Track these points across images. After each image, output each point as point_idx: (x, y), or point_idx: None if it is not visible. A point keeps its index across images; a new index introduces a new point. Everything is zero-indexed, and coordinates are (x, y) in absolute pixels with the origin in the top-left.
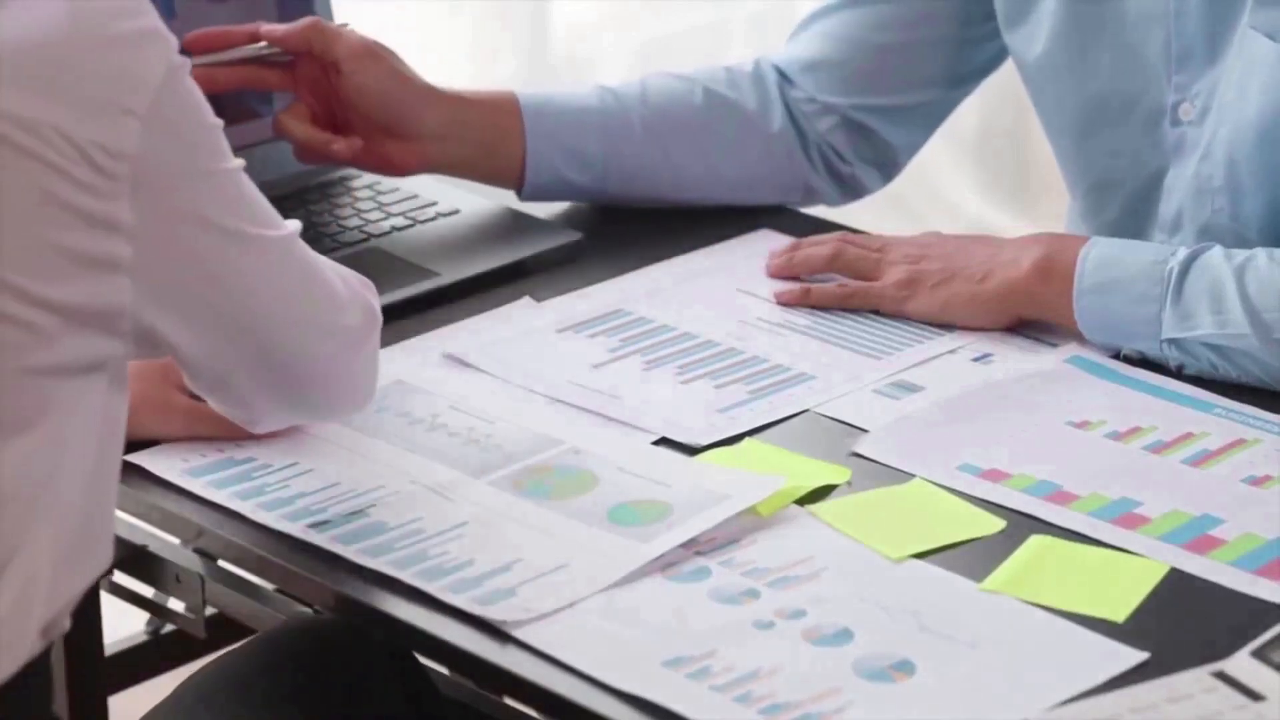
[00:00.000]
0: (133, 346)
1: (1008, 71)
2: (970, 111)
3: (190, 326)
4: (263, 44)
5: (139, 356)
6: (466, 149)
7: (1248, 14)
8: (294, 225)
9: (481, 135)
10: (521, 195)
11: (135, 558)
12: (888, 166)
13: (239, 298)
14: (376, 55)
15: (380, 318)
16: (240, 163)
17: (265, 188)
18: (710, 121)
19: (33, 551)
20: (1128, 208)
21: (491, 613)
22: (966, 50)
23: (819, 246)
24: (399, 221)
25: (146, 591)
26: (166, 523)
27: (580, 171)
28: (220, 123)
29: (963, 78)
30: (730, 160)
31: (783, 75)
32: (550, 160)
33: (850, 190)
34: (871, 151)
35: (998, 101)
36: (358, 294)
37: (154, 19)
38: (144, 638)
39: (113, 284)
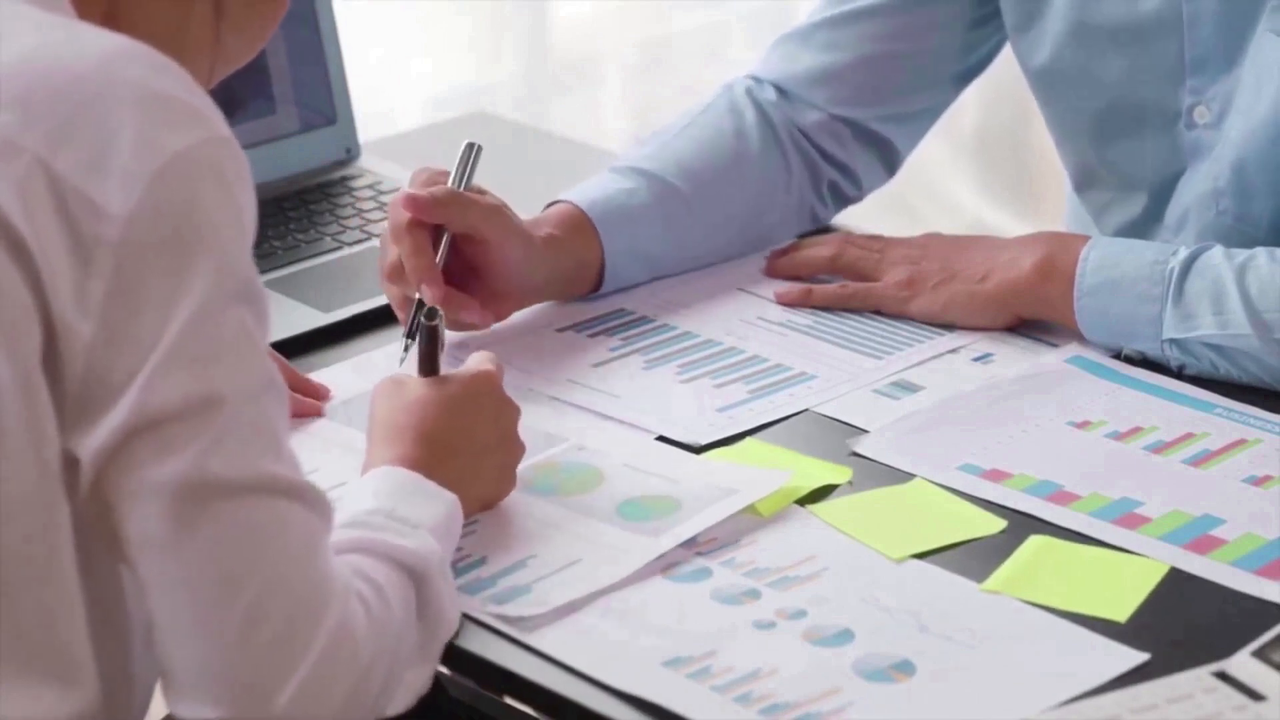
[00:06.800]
0: None
1: (1007, 71)
2: (970, 111)
3: None
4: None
5: None
6: (560, 286)
7: (1265, 18)
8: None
9: (576, 274)
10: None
11: None
12: (892, 167)
13: None
14: (510, 224)
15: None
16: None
17: (266, 188)
18: (745, 194)
19: None
20: (1141, 210)
21: (508, 610)
22: (974, 49)
23: (820, 247)
24: None
25: None
26: None
27: (642, 270)
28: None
29: (969, 74)
30: (759, 223)
31: (782, 92)
32: (621, 271)
33: (853, 200)
34: (879, 157)
35: (998, 101)
36: None
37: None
38: None
39: None
